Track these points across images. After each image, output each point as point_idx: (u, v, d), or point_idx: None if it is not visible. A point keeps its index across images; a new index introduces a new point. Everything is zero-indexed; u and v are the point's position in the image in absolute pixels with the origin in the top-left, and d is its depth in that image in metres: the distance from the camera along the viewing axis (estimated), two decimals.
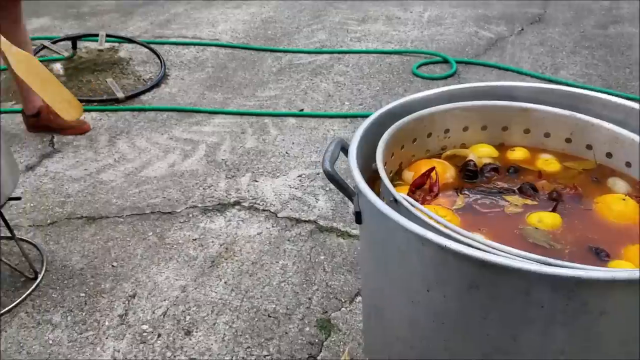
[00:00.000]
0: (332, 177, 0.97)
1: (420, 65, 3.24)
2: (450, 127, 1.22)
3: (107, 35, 3.37)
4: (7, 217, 1.77)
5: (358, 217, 0.98)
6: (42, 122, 2.58)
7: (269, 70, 3.26)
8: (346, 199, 2.10)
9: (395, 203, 0.90)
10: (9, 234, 1.94)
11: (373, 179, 1.02)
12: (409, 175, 1.15)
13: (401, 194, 0.91)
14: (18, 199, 1.90)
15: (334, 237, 1.97)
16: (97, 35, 3.37)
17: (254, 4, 4.27)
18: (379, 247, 0.96)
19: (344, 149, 1.05)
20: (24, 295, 1.72)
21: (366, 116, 2.64)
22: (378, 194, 0.93)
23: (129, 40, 3.48)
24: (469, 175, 1.13)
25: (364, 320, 1.26)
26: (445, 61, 3.27)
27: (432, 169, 1.09)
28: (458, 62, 3.24)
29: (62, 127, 2.59)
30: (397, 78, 3.12)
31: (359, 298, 1.70)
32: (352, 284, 1.76)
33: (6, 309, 1.67)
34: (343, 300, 1.70)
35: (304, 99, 2.92)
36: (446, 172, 1.14)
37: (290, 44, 3.58)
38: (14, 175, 1.66)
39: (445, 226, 0.82)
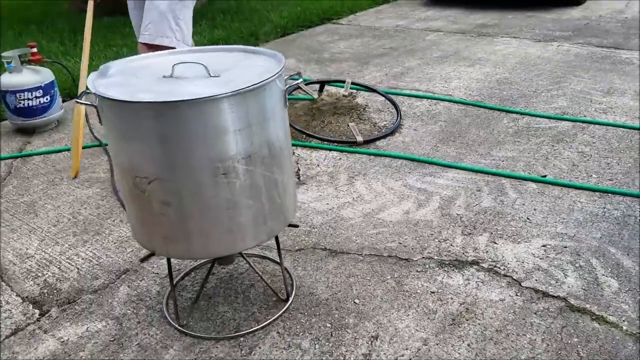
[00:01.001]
0: None
1: None
2: None
3: (351, 83, 3.62)
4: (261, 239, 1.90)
5: None
6: None
7: (504, 130, 3.17)
8: (599, 279, 1.93)
9: None
10: (265, 255, 2.14)
11: None
12: None
13: None
14: (296, 226, 1.95)
15: (588, 319, 1.78)
16: (343, 81, 3.65)
17: (488, 65, 4.25)
18: None
19: None
20: (276, 315, 1.84)
21: (619, 193, 2.45)
22: None
23: (370, 89, 3.69)
24: None
25: None
26: None
27: None
28: None
29: None
30: None
31: None
32: None
33: (261, 325, 1.80)
34: None
35: (545, 165, 2.76)
36: None
37: (527, 107, 3.46)
38: (295, 204, 1.81)
39: None
